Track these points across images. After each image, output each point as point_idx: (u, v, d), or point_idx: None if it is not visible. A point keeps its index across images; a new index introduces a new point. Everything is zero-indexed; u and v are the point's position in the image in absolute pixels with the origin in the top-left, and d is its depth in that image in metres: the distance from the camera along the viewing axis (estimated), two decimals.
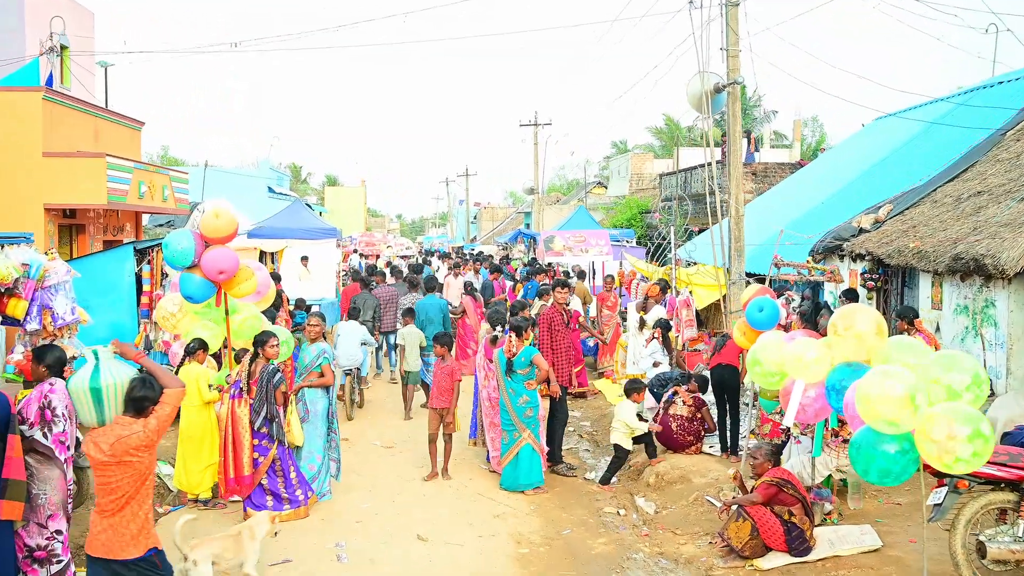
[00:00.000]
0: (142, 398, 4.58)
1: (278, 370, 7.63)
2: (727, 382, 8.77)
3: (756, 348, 6.55)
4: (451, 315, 14.60)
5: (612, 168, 41.90)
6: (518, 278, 20.23)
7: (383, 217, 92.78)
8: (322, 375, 8.21)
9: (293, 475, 7.60)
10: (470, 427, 9.83)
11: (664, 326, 9.86)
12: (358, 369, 12.37)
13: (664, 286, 10.43)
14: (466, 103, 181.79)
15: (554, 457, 9.10)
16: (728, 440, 8.78)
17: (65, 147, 13.08)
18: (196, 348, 8.00)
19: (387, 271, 22.00)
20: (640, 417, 8.93)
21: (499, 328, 9.13)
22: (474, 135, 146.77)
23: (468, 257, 35.18)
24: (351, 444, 10.14)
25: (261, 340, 7.59)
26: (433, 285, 15.03)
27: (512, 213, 60.48)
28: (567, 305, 12.82)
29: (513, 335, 8.31)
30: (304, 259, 20.92)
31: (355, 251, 36.22)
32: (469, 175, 59.18)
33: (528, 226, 47.19)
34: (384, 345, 14.96)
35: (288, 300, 13.06)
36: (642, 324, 10.25)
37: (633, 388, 8.81)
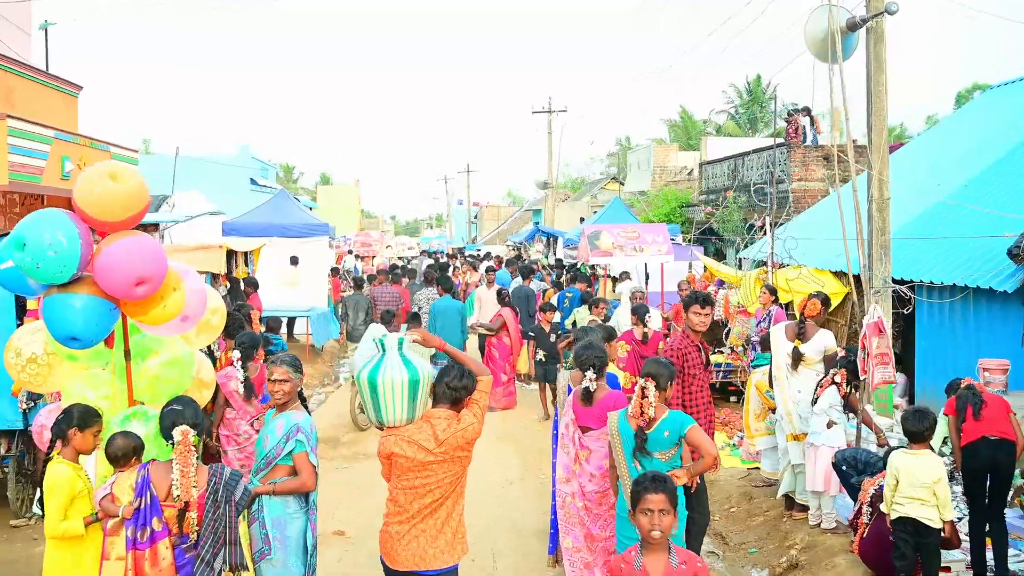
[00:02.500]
0: (463, 388, 4.15)
1: (239, 476, 4.06)
2: (999, 466, 5.20)
3: None
4: (485, 333, 10.99)
5: (631, 161, 38.42)
6: (547, 284, 16.66)
7: (377, 218, 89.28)
8: (296, 473, 4.48)
9: None
10: (549, 537, 6.22)
11: (852, 368, 6.28)
12: None
13: (825, 299, 6.83)
14: (466, 94, 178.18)
15: None
16: (995, 562, 5.19)
17: None
18: (68, 427, 4.27)
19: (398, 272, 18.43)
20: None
21: (592, 373, 5.46)
22: (473, 131, 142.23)
23: (473, 259, 31.63)
24: (351, 543, 6.62)
25: (186, 420, 3.96)
26: (450, 285, 12.59)
27: (517, 211, 56.92)
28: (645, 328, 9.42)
29: (651, 388, 4.68)
30: (293, 260, 17.36)
31: (349, 251, 32.64)
32: (471, 171, 55.62)
33: (537, 224, 43.71)
34: None
35: (261, 319, 9.44)
36: (797, 360, 6.66)
37: (924, 427, 5.02)
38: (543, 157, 34.49)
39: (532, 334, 11.69)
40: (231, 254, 11.89)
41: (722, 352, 11.51)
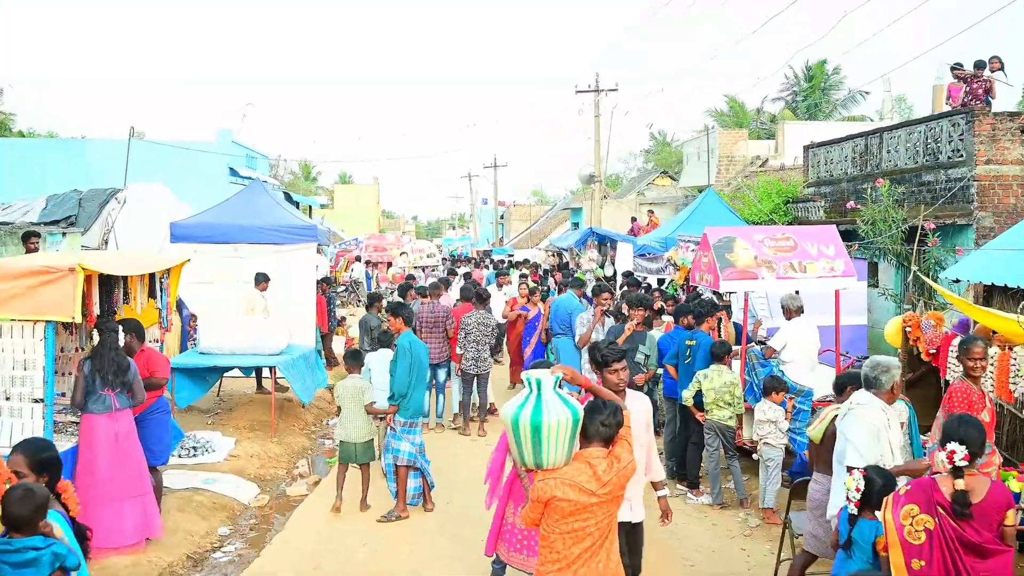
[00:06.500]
0: (617, 425, 4.03)
1: None
2: None
3: None
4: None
5: (687, 152, 32.94)
6: (632, 317, 11.11)
7: (398, 218, 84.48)
8: None
9: None
10: None
11: None
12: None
13: None
14: (491, 87, 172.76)
15: None
16: None
17: None
18: None
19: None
20: None
21: None
22: (499, 126, 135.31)
23: (503, 266, 26.36)
24: None
25: None
26: (410, 315, 8.39)
27: (549, 209, 51.46)
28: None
29: None
30: (262, 280, 12.25)
31: (358, 258, 27.47)
32: (498, 166, 50.23)
33: (577, 225, 38.35)
34: (432, 382, 10.95)
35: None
36: None
37: None
38: (580, 149, 29.20)
39: None
40: (110, 281, 6.66)
41: (1020, 470, 6.11)
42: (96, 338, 6.46)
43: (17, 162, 21.05)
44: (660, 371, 9.35)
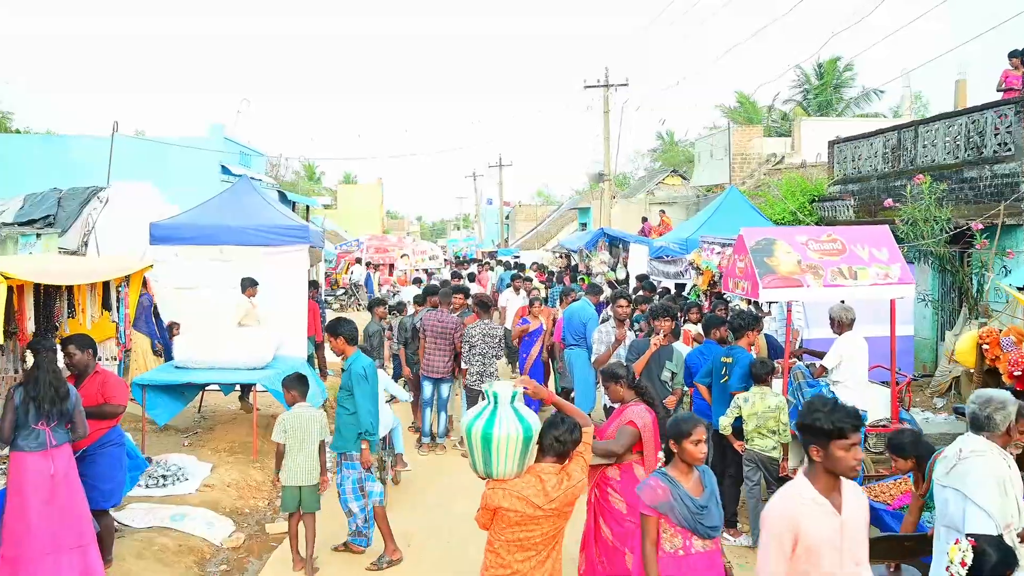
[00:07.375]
0: (572, 442, 4.15)
1: None
2: None
3: None
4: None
5: (699, 149, 31.86)
6: (657, 331, 9.99)
7: (402, 219, 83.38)
8: None
9: None
10: None
11: None
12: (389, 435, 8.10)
13: None
14: (495, 86, 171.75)
15: None
16: None
17: None
18: None
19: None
20: None
21: None
22: (504, 125, 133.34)
23: (513, 268, 25.30)
24: None
25: None
26: (353, 333, 6.85)
27: (554, 210, 50.37)
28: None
29: None
30: (248, 286, 11.25)
31: (359, 260, 26.46)
32: (503, 165, 49.16)
33: (585, 226, 37.36)
34: (434, 398, 10.15)
35: None
36: None
37: None
38: (586, 149, 28.14)
39: None
40: (53, 292, 5.64)
41: None
42: (30, 360, 5.45)
43: (4, 161, 20.11)
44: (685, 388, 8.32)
